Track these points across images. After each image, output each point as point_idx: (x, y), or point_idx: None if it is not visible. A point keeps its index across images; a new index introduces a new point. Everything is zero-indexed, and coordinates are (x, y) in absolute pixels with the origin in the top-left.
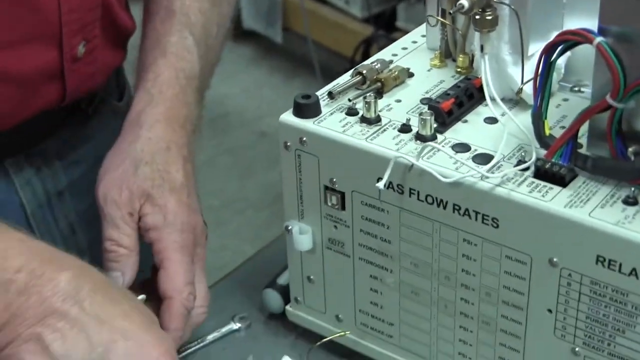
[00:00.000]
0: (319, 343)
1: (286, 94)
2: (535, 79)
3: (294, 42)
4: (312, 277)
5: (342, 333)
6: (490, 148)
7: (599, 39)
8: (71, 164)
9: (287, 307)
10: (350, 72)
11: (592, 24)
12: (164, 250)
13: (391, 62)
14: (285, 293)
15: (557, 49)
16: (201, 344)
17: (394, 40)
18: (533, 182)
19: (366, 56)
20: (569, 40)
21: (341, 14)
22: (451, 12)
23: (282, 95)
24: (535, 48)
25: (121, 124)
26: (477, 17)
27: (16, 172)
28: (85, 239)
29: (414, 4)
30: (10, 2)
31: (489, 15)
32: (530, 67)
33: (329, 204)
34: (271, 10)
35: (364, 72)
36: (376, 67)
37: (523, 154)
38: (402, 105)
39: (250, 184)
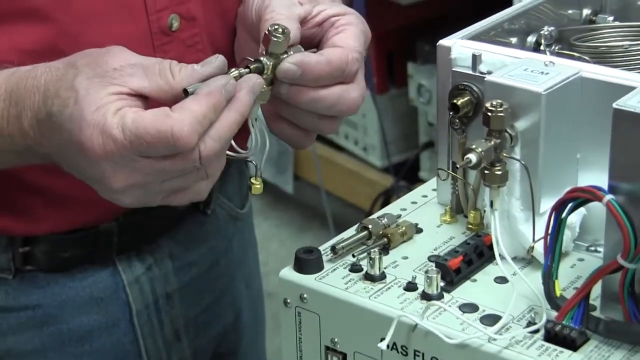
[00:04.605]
0: None
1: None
2: (545, 237)
3: (306, 192)
4: None
5: None
6: (499, 309)
7: (608, 196)
8: (184, 266)
9: None
10: (356, 226)
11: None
12: (346, 24)
13: (399, 216)
14: None
15: (567, 206)
16: None
17: None
18: (543, 345)
19: None
20: (579, 198)
21: (358, 162)
22: (458, 166)
23: (291, 251)
24: (548, 204)
25: (242, 234)
26: (487, 171)
27: (125, 268)
28: (190, 348)
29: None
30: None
31: (499, 170)
32: (543, 224)
33: None
34: (281, 156)
35: (370, 227)
36: (383, 221)
37: (533, 315)
38: (408, 262)
39: None
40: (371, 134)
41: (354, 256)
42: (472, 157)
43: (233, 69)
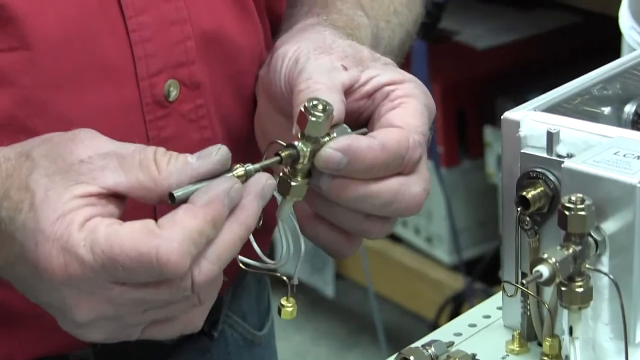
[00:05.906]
0: None
1: None
2: None
3: (351, 295)
4: None
5: None
6: None
7: None
8: None
9: None
10: (394, 357)
11: None
12: (405, 96)
13: (451, 344)
14: None
15: None
16: None
17: None
18: None
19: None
20: None
21: (420, 258)
22: (525, 282)
23: None
24: None
25: None
26: (564, 288)
27: None
28: None
29: None
30: None
31: (580, 286)
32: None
33: None
34: (318, 249)
35: (412, 358)
36: (429, 351)
37: None
38: None
39: None
40: (437, 221)
41: None
42: (544, 269)
43: (237, 166)
